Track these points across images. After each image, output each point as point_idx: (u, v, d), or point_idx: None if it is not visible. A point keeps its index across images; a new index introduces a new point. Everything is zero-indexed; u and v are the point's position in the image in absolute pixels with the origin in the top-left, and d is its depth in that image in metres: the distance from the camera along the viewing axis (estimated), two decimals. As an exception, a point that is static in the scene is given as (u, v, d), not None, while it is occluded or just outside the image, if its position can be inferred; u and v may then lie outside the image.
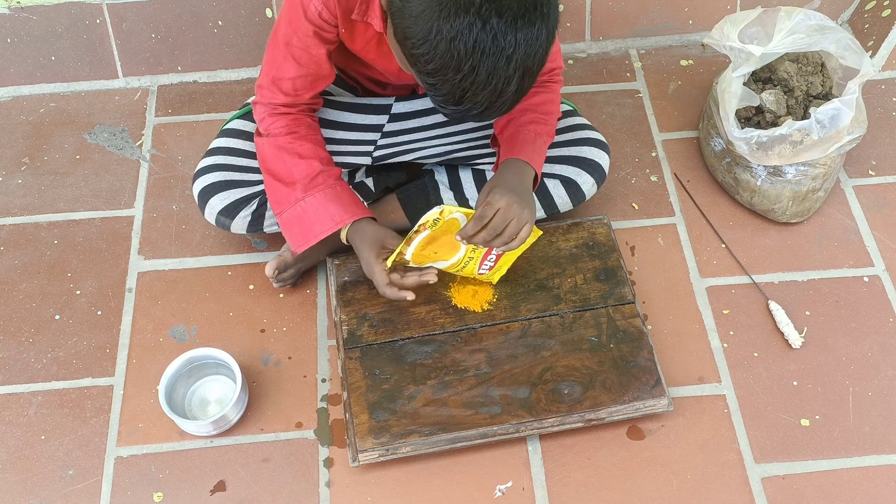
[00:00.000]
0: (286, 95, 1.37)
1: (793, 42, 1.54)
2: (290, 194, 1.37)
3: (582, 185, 1.53)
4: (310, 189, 1.36)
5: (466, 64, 1.03)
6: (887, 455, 1.42)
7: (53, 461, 1.42)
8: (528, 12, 1.02)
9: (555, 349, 1.45)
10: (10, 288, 1.61)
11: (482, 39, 1.01)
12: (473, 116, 1.12)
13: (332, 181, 1.38)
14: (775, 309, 1.55)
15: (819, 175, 1.61)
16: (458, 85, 1.05)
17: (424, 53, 1.05)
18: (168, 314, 1.57)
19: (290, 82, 1.35)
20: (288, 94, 1.37)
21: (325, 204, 1.37)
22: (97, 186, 1.75)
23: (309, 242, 1.39)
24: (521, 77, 1.06)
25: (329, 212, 1.37)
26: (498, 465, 1.40)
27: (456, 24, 1.00)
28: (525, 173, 1.39)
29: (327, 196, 1.37)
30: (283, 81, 1.35)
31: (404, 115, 1.56)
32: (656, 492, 1.38)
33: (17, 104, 1.89)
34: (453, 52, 1.02)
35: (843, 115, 1.51)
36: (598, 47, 1.99)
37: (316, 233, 1.38)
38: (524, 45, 1.03)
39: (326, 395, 1.48)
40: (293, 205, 1.37)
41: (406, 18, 1.05)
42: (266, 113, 1.39)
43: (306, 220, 1.37)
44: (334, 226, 1.37)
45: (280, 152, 1.38)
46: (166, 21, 1.83)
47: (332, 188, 1.38)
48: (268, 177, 1.40)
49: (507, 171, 1.38)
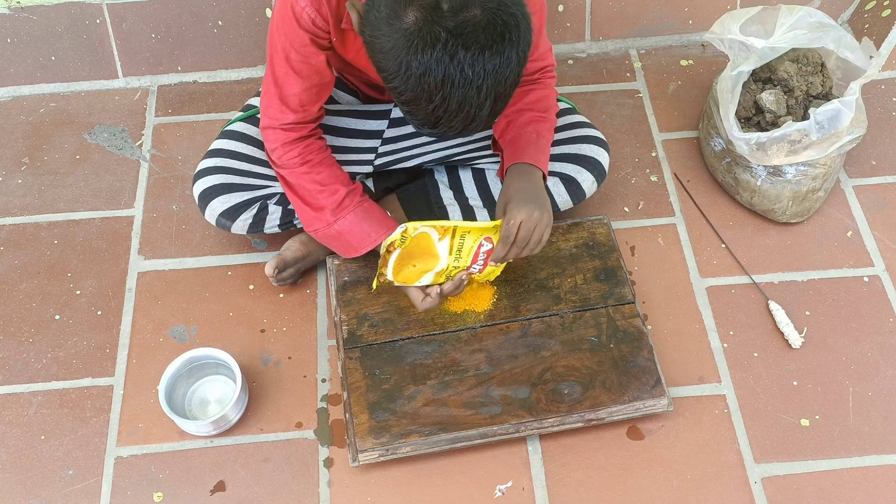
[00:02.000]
0: (294, 112, 1.36)
1: (794, 38, 1.54)
2: (319, 218, 1.40)
3: (582, 182, 1.53)
4: (338, 213, 1.39)
5: (437, 95, 1.05)
6: (887, 455, 1.42)
7: (53, 461, 1.42)
8: (495, 43, 1.03)
9: (555, 349, 1.45)
10: (10, 288, 1.61)
11: (451, 73, 1.03)
12: (452, 136, 1.14)
13: (357, 199, 1.40)
14: (775, 309, 1.55)
15: (819, 175, 1.61)
16: (432, 113, 1.08)
17: (397, 86, 1.07)
18: (168, 314, 1.57)
19: (296, 98, 1.34)
20: (296, 110, 1.35)
21: (358, 223, 1.39)
22: (97, 186, 1.75)
23: (355, 254, 1.42)
24: (493, 102, 1.08)
25: (363, 230, 1.39)
26: (498, 465, 1.40)
27: (424, 60, 1.02)
28: (534, 175, 1.39)
29: (358, 216, 1.39)
30: (290, 98, 1.34)
31: (404, 120, 1.56)
32: (656, 492, 1.38)
33: (17, 104, 1.89)
34: (423, 85, 1.04)
35: (843, 116, 1.51)
36: (598, 47, 1.99)
37: (357, 248, 1.41)
38: (493, 74, 1.05)
39: (326, 395, 1.48)
40: (325, 227, 1.40)
41: (377, 53, 1.08)
42: (278, 142, 1.38)
43: (343, 239, 1.41)
44: (372, 243, 1.39)
45: (300, 182, 1.39)
46: (166, 21, 1.83)
47: (361, 206, 1.40)
48: (295, 201, 1.42)
49: (517, 179, 1.38)
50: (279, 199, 1.51)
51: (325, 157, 1.41)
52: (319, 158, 1.40)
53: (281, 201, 1.51)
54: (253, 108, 1.57)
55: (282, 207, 1.51)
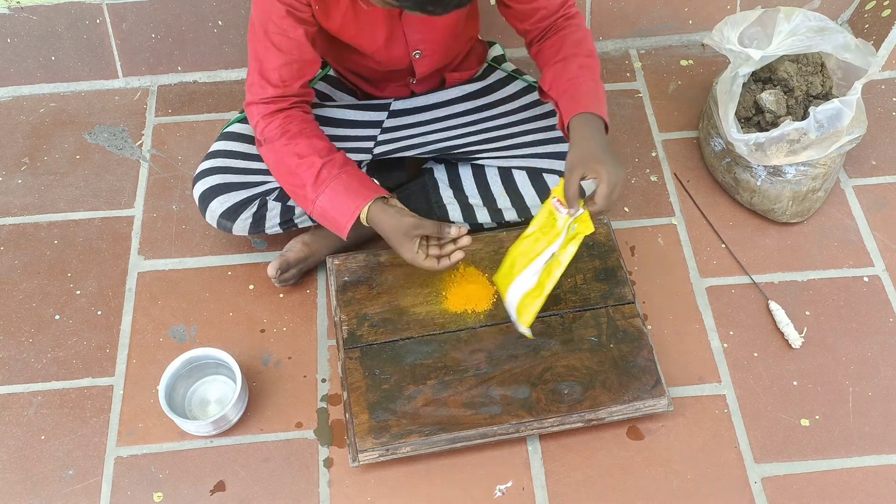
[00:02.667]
0: (274, 87, 1.36)
1: (792, 44, 1.54)
2: (305, 197, 1.38)
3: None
4: (318, 188, 1.36)
5: None
6: (887, 455, 1.42)
7: (53, 461, 1.42)
8: None
9: (555, 349, 1.45)
10: (11, 288, 1.61)
11: None
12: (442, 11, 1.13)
13: (335, 171, 1.37)
14: (775, 309, 1.55)
15: (819, 175, 1.61)
16: None
17: None
18: (168, 314, 1.57)
19: (275, 72, 1.35)
20: (276, 85, 1.36)
21: (337, 198, 1.37)
22: (97, 186, 1.75)
23: (344, 233, 1.39)
24: None
25: (344, 205, 1.37)
26: (498, 464, 1.40)
27: None
28: (598, 127, 1.34)
29: (336, 190, 1.37)
30: (270, 73, 1.35)
31: (403, 112, 1.57)
32: (656, 492, 1.38)
33: (17, 104, 1.89)
34: None
35: (843, 115, 1.51)
36: (598, 47, 1.98)
37: (342, 225, 1.38)
38: None
39: (326, 395, 1.48)
40: (311, 206, 1.38)
41: None
42: (259, 115, 1.38)
43: (328, 217, 1.39)
44: (352, 217, 1.37)
45: (281, 158, 1.38)
46: (166, 21, 1.83)
47: (338, 179, 1.37)
48: (281, 183, 1.42)
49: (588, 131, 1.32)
50: (278, 195, 1.51)
51: (305, 127, 1.39)
52: (298, 129, 1.38)
53: (280, 197, 1.51)
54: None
55: (281, 204, 1.51)
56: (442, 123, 1.57)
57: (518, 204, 1.54)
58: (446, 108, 1.59)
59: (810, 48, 1.54)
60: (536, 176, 1.53)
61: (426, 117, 1.57)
